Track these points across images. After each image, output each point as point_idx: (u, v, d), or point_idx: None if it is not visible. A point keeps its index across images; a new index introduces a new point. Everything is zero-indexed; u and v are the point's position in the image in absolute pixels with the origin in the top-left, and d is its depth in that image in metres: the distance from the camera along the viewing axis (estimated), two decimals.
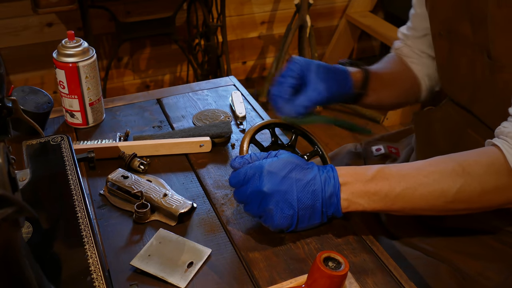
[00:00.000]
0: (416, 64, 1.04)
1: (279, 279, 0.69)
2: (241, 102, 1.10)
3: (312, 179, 0.71)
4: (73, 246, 0.63)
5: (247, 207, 0.73)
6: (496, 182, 0.71)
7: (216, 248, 0.75)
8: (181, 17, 2.64)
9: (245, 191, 0.72)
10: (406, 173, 0.73)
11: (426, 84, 1.05)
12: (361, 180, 0.72)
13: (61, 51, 0.97)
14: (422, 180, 0.72)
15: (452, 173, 0.72)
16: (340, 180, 0.72)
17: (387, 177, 0.72)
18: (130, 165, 0.90)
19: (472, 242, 0.88)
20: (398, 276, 0.71)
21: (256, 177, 0.71)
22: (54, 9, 2.10)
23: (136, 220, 0.79)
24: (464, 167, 0.72)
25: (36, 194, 0.72)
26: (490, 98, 0.82)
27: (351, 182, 0.72)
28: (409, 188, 0.71)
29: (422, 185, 0.71)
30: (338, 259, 0.62)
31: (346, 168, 0.74)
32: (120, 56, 2.68)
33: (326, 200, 0.71)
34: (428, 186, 0.71)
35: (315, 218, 0.73)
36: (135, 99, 1.14)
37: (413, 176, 0.72)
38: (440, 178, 0.72)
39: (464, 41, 0.84)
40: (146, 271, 0.70)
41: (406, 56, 1.05)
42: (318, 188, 0.71)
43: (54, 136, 0.83)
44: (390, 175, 0.72)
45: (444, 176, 0.72)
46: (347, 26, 3.02)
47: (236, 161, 0.75)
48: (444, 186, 0.71)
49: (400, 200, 0.72)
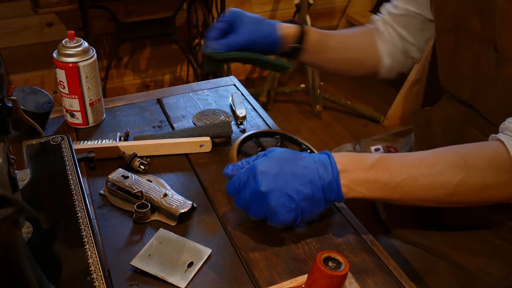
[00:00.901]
0: (383, 41, 1.04)
1: (279, 279, 0.69)
2: (241, 102, 1.10)
3: (306, 168, 0.71)
4: (73, 246, 0.63)
5: (250, 211, 0.73)
6: (497, 177, 0.71)
7: (216, 248, 0.75)
8: (181, 17, 2.64)
9: (244, 196, 0.72)
10: (407, 163, 0.73)
11: (387, 63, 1.05)
12: (361, 167, 0.72)
13: (61, 51, 0.97)
14: (423, 171, 0.71)
15: (454, 165, 0.71)
16: (339, 167, 0.71)
17: (387, 166, 0.72)
18: (130, 165, 0.90)
19: (472, 238, 0.88)
20: (398, 276, 0.71)
21: (251, 179, 0.71)
22: (54, 9, 2.10)
23: (136, 220, 0.79)
24: (466, 160, 0.71)
25: (36, 194, 0.72)
26: (493, 93, 0.82)
27: (351, 169, 0.72)
28: (410, 178, 0.71)
29: (423, 175, 0.71)
30: (338, 259, 0.62)
31: (346, 155, 0.74)
32: (120, 56, 2.68)
33: (325, 186, 0.71)
34: (429, 177, 0.71)
35: (318, 205, 0.72)
36: (135, 99, 1.14)
37: (415, 166, 0.72)
38: (441, 169, 0.71)
39: (471, 35, 0.84)
40: (146, 271, 0.70)
41: (377, 31, 1.05)
42: (314, 177, 0.71)
43: (54, 136, 0.83)
44: (391, 164, 0.72)
45: (446, 167, 0.71)
46: (347, 26, 3.02)
47: (228, 169, 0.76)
48: (445, 178, 0.71)
49: (400, 189, 0.71)
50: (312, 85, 2.71)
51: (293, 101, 2.89)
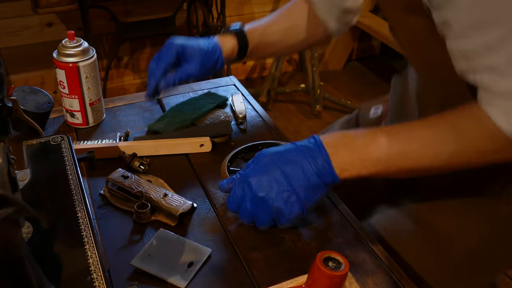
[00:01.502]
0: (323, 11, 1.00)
1: (279, 279, 0.69)
2: (241, 102, 1.10)
3: (294, 159, 0.71)
4: (73, 246, 0.63)
5: (258, 221, 0.74)
6: (492, 145, 0.68)
7: (216, 248, 0.75)
8: (181, 17, 2.64)
9: (246, 207, 0.73)
10: (397, 135, 0.71)
11: (333, 26, 1.01)
12: (350, 147, 0.71)
13: (61, 51, 0.97)
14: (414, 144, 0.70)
15: (444, 135, 0.69)
16: (328, 150, 0.71)
17: (377, 142, 0.71)
18: (130, 165, 0.90)
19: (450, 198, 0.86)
20: (398, 276, 0.71)
21: (246, 190, 0.72)
22: (54, 9, 2.10)
23: (136, 220, 0.79)
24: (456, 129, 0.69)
25: (36, 194, 0.72)
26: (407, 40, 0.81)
27: (340, 149, 0.71)
28: (401, 152, 0.70)
29: (414, 149, 0.70)
30: (338, 259, 0.62)
31: (333, 135, 0.73)
32: (120, 56, 2.68)
33: (319, 171, 0.71)
34: (423, 148, 0.70)
35: (319, 190, 0.72)
36: (135, 99, 1.14)
37: (405, 138, 0.71)
38: (433, 139, 0.69)
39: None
40: (146, 271, 0.70)
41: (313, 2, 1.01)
42: (305, 164, 0.71)
43: (54, 136, 0.83)
44: (380, 140, 0.71)
45: (437, 137, 0.69)
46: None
47: (224, 183, 0.78)
48: (437, 149, 0.69)
49: (393, 164, 0.70)
50: (312, 85, 2.71)
51: (293, 101, 2.89)
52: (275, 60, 2.71)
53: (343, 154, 0.71)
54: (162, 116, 1.05)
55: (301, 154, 0.72)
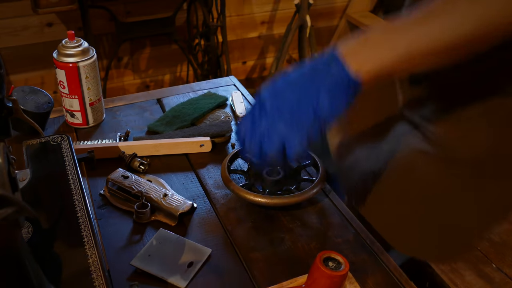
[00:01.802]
0: None
1: (279, 279, 0.69)
2: (241, 102, 1.10)
3: (303, 66, 0.63)
4: (73, 246, 0.63)
5: (269, 140, 0.62)
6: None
7: (216, 248, 0.75)
8: (181, 17, 2.64)
9: (259, 122, 0.63)
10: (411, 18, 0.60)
11: None
12: (359, 37, 0.61)
13: (61, 51, 0.97)
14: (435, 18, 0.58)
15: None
16: (338, 47, 0.61)
17: (388, 27, 0.61)
18: (130, 165, 0.90)
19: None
20: (398, 276, 0.72)
21: (257, 105, 0.63)
22: (54, 9, 2.10)
23: (136, 220, 0.79)
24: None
25: (36, 194, 0.72)
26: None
27: (349, 41, 0.62)
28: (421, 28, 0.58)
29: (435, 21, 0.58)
30: (338, 259, 0.62)
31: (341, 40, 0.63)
32: (120, 56, 2.68)
33: (327, 65, 0.61)
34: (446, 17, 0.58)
35: (338, 89, 0.60)
36: (135, 99, 1.14)
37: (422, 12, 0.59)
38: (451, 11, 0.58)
39: None
40: (146, 271, 0.70)
41: None
42: (315, 64, 0.62)
43: (54, 136, 0.83)
44: (391, 25, 0.61)
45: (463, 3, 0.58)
46: (347, 26, 3.02)
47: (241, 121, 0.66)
48: (462, 15, 0.57)
49: (414, 42, 0.59)
50: None
51: None
52: (275, 60, 2.70)
53: (351, 43, 0.62)
54: (162, 116, 1.05)
55: (308, 62, 0.62)
